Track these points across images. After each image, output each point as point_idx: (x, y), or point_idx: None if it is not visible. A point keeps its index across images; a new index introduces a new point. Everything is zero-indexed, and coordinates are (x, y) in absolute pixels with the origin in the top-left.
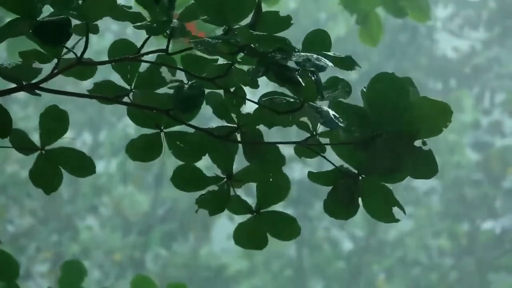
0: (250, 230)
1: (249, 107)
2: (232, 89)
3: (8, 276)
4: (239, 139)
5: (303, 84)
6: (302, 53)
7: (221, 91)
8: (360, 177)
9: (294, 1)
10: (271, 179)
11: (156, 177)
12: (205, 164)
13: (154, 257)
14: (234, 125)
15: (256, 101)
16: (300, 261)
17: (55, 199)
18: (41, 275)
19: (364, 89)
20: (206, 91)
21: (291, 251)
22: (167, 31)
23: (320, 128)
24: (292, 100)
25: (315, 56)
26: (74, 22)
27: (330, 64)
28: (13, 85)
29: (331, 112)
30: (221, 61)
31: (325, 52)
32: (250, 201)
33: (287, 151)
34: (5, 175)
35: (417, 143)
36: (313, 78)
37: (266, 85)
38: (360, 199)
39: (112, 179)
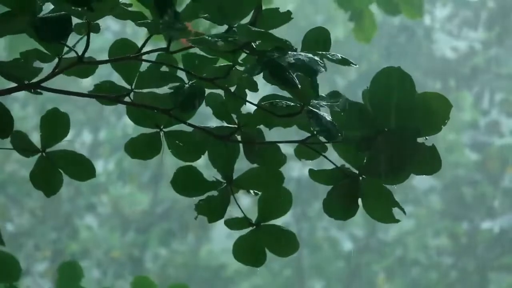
0: (249, 243)
1: (249, 106)
2: (232, 89)
3: (10, 277)
4: (239, 139)
5: (299, 87)
6: (297, 53)
7: (221, 92)
8: (360, 178)
9: (292, 3)
10: (272, 187)
11: (155, 176)
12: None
13: (153, 256)
14: (235, 126)
15: (257, 102)
16: (300, 261)
17: (54, 198)
18: (40, 273)
19: (366, 88)
20: (206, 91)
21: None
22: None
23: None
24: (292, 104)
25: (309, 56)
26: (75, 21)
27: (323, 69)
28: (13, 84)
29: (329, 119)
30: (222, 62)
31: (322, 52)
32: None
33: (286, 149)
34: (4, 174)
35: (420, 139)
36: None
37: (265, 85)
38: (360, 200)
39: (111, 177)
